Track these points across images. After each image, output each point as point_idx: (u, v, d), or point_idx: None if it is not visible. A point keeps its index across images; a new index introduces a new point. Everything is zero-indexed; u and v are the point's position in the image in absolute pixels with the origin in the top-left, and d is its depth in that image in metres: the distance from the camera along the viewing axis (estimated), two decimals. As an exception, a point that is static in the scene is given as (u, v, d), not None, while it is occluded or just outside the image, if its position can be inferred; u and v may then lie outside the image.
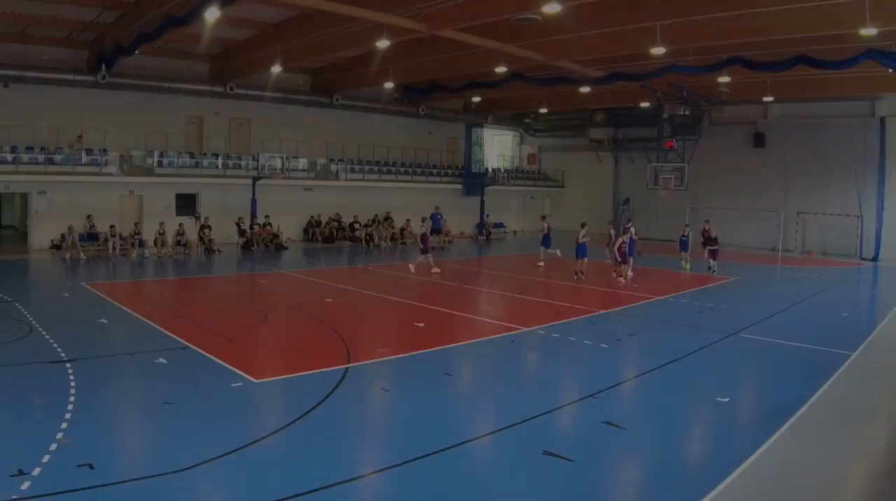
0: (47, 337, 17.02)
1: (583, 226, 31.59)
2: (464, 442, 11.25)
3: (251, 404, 13.13)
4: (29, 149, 36.95)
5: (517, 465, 10.51)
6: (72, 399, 12.44)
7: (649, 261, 37.17)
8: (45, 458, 9.77)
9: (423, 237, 32.89)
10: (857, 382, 16.00)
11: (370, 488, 9.74)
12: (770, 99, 45.05)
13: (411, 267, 32.34)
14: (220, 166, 43.74)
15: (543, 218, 39.06)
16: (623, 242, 30.00)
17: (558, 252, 36.43)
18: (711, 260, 34.26)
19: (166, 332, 18.36)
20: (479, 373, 16.44)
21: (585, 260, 30.87)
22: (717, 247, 34.50)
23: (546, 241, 36.45)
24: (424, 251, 32.52)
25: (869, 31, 24.93)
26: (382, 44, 30.96)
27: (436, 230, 43.67)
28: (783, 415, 12.78)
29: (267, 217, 42.41)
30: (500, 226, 59.60)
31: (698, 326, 21.49)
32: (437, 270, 31.88)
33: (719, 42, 30.84)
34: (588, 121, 60.17)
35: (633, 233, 32.30)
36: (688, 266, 35.30)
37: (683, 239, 36.43)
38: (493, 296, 27.92)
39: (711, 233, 34.73)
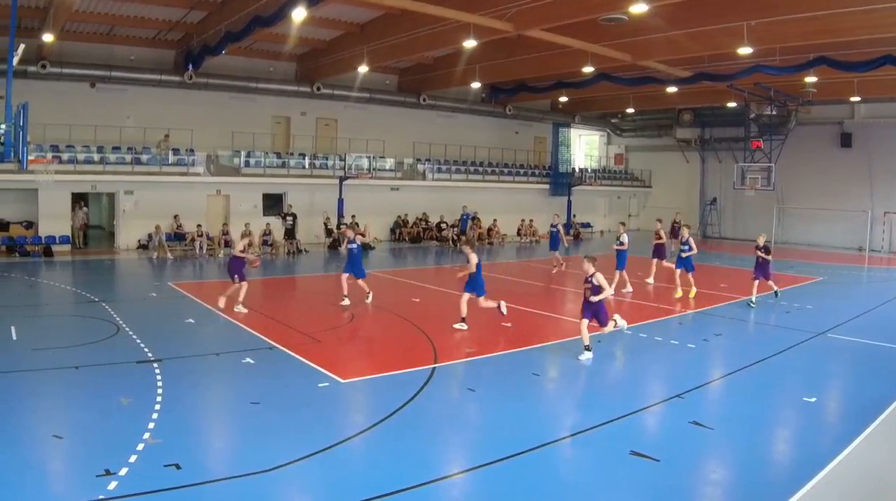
0: (134, 336, 17.08)
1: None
2: (550, 443, 11.22)
3: (338, 404, 13.12)
4: (116, 149, 37.54)
5: (604, 465, 10.48)
6: (159, 399, 12.47)
7: (737, 262, 36.60)
8: (132, 458, 9.79)
9: (234, 261, 22.00)
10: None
11: (457, 488, 9.68)
12: (857, 99, 44.76)
13: (221, 300, 21.69)
14: (306, 166, 44.09)
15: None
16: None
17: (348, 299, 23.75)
18: (760, 281, 25.02)
19: (253, 332, 18.41)
20: (565, 373, 16.21)
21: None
22: (767, 259, 24.80)
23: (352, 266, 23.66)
24: (235, 275, 21.67)
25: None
26: (469, 44, 30.92)
27: (462, 233, 43.20)
28: (870, 415, 12.70)
29: (353, 217, 42.45)
30: (588, 225, 59.29)
31: (785, 326, 21.21)
32: (222, 301, 21.60)
33: (805, 42, 30.54)
34: (675, 121, 59.81)
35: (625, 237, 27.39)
36: (689, 293, 25.83)
37: (682, 250, 26.12)
38: (579, 296, 27.50)
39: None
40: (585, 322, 17.35)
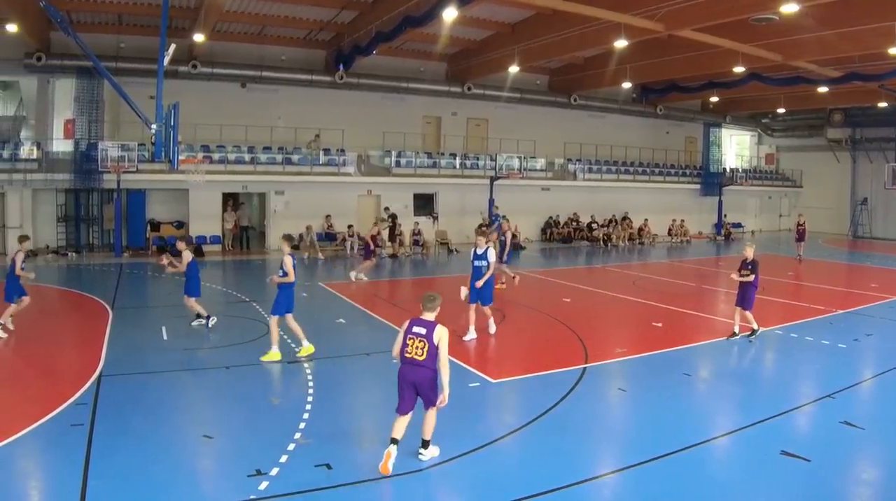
0: (285, 336, 17.11)
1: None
2: (702, 443, 11.11)
3: (489, 404, 13.11)
4: (266, 149, 38.34)
5: (755, 465, 10.30)
6: (309, 399, 12.56)
7: (889, 262, 36.06)
8: (283, 458, 9.84)
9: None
10: None
11: (607, 488, 9.61)
12: None
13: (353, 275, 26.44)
14: (457, 166, 44.14)
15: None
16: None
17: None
18: (740, 315, 18.49)
19: (404, 333, 18.32)
20: (716, 373, 16.05)
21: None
22: (751, 279, 18.17)
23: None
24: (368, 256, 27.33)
25: None
26: (620, 44, 30.91)
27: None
28: None
29: (504, 217, 42.32)
30: (739, 226, 58.22)
31: (937, 325, 20.53)
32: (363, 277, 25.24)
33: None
34: (826, 121, 58.82)
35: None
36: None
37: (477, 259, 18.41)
38: (731, 296, 27.01)
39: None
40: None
